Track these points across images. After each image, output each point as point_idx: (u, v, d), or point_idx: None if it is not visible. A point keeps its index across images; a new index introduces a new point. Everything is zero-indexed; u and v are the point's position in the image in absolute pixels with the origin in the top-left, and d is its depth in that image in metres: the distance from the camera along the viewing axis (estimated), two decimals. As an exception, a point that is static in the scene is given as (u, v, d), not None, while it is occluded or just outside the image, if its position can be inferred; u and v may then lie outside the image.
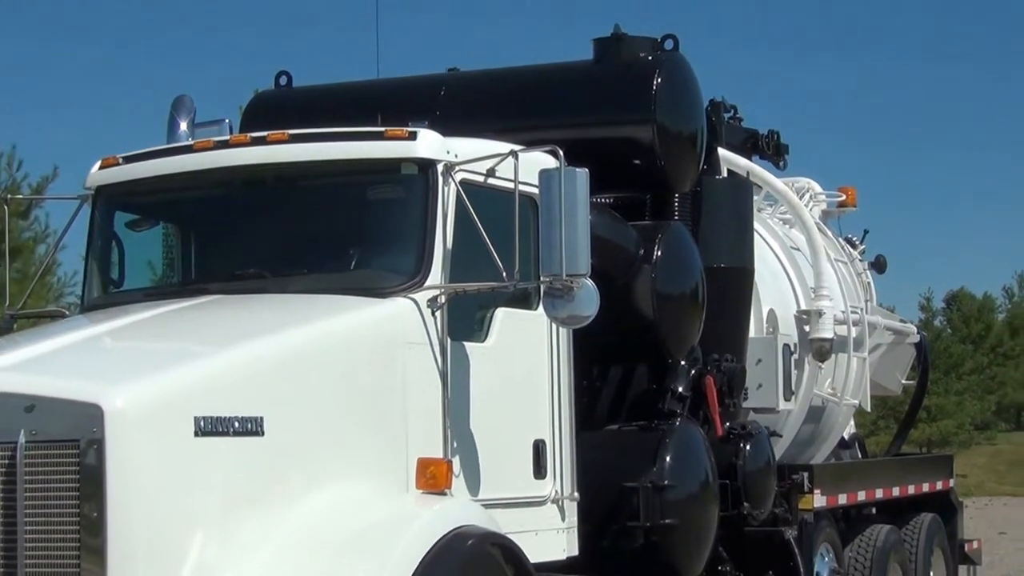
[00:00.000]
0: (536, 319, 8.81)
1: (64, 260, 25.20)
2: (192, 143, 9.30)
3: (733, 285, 11.54)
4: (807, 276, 13.27)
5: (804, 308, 13.00)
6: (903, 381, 16.77)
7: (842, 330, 13.44)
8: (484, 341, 8.68)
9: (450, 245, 8.46)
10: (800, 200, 13.92)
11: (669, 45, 10.74)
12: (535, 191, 8.22)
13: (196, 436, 7.23)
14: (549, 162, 8.38)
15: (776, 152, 13.98)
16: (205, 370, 7.57)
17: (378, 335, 8.21)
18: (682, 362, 10.50)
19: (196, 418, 7.24)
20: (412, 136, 8.61)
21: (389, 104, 9.93)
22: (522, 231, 8.25)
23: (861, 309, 14.29)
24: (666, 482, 9.92)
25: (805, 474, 12.25)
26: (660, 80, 10.48)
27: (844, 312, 13.59)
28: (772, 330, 12.39)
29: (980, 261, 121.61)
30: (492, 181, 8.71)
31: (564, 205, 7.95)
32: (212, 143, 9.09)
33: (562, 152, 8.28)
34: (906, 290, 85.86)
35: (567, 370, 9.19)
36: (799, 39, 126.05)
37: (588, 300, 8.10)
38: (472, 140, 8.87)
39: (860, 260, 15.57)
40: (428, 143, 8.58)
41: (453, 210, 8.49)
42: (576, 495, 9.17)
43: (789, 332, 12.64)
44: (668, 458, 10.02)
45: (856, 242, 15.78)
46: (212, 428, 7.29)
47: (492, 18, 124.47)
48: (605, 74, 10.71)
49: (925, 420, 51.37)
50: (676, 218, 10.93)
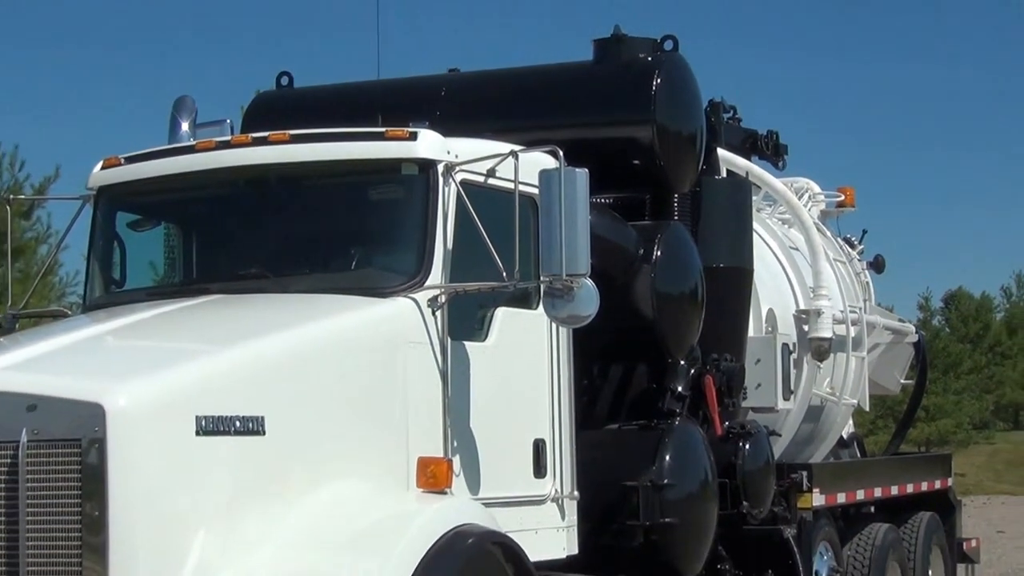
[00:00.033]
0: (536, 319, 8.81)
1: (66, 260, 25.35)
2: (194, 143, 9.30)
3: (732, 285, 11.54)
4: (806, 276, 13.27)
5: (803, 308, 13.00)
6: (901, 380, 16.77)
7: (841, 329, 13.44)
8: (484, 341, 8.68)
9: (450, 245, 8.46)
10: (799, 200, 13.91)
11: (669, 46, 10.75)
12: (535, 191, 8.22)
13: (198, 435, 7.23)
14: (549, 162, 8.39)
15: (775, 152, 13.98)
16: (206, 370, 7.57)
17: (379, 335, 8.21)
18: (681, 361, 10.50)
19: (198, 417, 7.24)
20: (413, 136, 8.61)
21: (390, 104, 9.91)
22: (522, 231, 8.26)
23: (860, 309, 14.28)
24: (666, 481, 9.92)
25: (804, 473, 12.24)
26: (660, 81, 10.49)
27: (843, 312, 13.60)
28: (771, 329, 12.37)
29: (978, 261, 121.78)
30: (492, 181, 8.71)
31: (564, 205, 7.94)
32: (214, 143, 9.09)
33: (562, 152, 8.28)
34: (904, 290, 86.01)
35: (567, 369, 9.19)
36: (798, 40, 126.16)
37: (588, 300, 8.10)
38: (472, 140, 8.88)
39: (859, 260, 15.58)
40: (428, 143, 8.58)
41: (453, 210, 8.49)
42: (576, 494, 9.18)
43: (788, 332, 12.64)
44: (668, 457, 10.02)
45: (855, 242, 15.79)
46: (214, 427, 7.30)
47: (492, 19, 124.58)
48: (605, 75, 10.71)
49: (923, 419, 51.42)
50: (675, 218, 10.94)
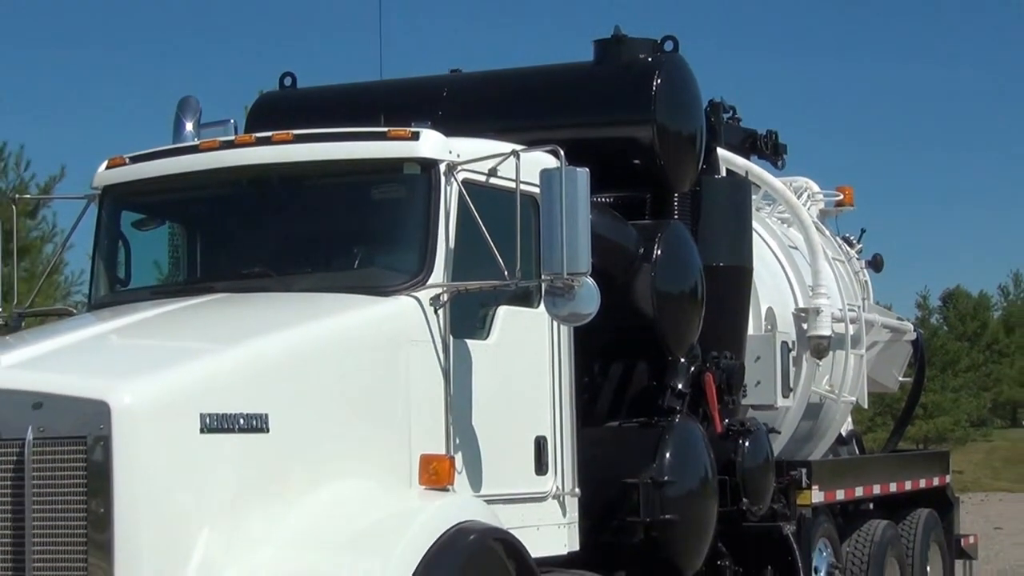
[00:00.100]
0: (537, 317, 8.83)
1: (71, 259, 25.35)
2: (198, 143, 9.34)
3: (732, 283, 11.57)
4: (805, 274, 13.30)
5: (802, 306, 13.03)
6: (900, 378, 16.81)
7: (840, 328, 13.48)
8: (486, 339, 8.70)
9: (452, 244, 8.48)
10: (798, 199, 13.94)
11: (669, 47, 10.77)
12: (536, 190, 8.23)
13: (202, 433, 7.25)
14: (550, 162, 8.42)
15: (774, 152, 14.01)
16: (211, 368, 7.59)
17: (381, 333, 8.23)
18: (682, 359, 10.52)
19: (202, 415, 7.26)
20: (415, 136, 8.62)
21: (392, 105, 9.88)
22: (523, 230, 8.29)
23: (858, 307, 14.31)
24: (666, 478, 9.94)
25: (803, 470, 12.28)
26: (660, 81, 10.52)
27: (842, 310, 13.63)
28: (770, 328, 12.40)
29: (976, 260, 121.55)
30: (494, 181, 8.73)
31: (565, 204, 7.95)
32: (218, 143, 9.10)
33: (563, 152, 8.33)
34: (903, 288, 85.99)
35: (568, 367, 9.21)
36: (797, 40, 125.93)
37: (589, 298, 8.11)
38: (474, 140, 8.90)
39: (857, 259, 15.61)
40: (431, 143, 8.60)
41: (455, 209, 8.50)
42: (577, 491, 9.20)
43: (787, 330, 12.67)
44: (668, 454, 10.05)
45: (853, 241, 15.82)
46: (218, 425, 7.32)
47: (494, 20, 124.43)
48: (605, 75, 10.73)
49: (922, 417, 51.47)
50: (676, 217, 10.96)
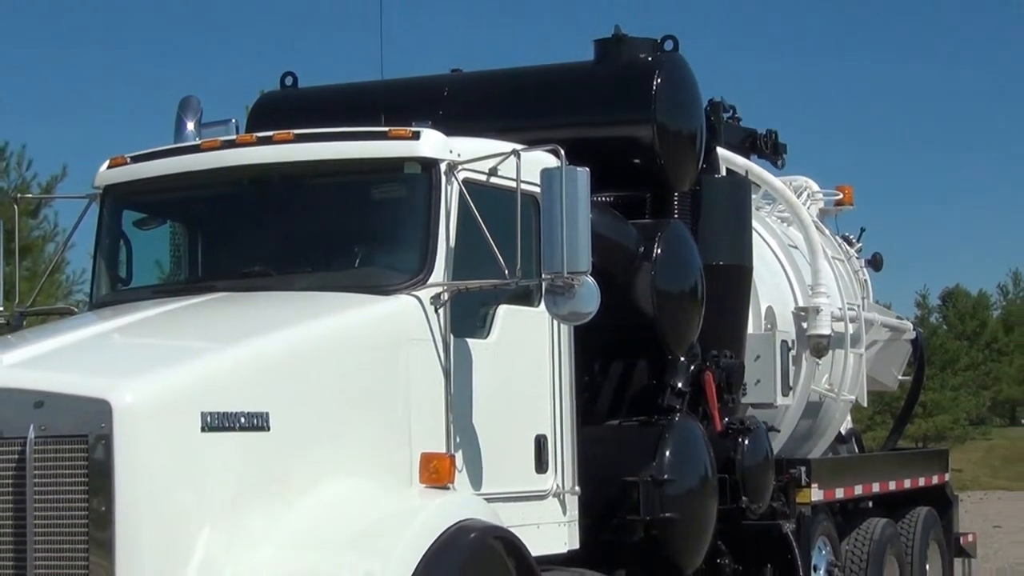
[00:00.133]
0: (538, 316, 8.84)
1: (73, 258, 25.41)
2: (199, 143, 9.34)
3: (732, 282, 11.59)
4: (805, 273, 13.32)
5: (802, 305, 13.05)
6: (899, 377, 16.84)
7: (839, 327, 13.50)
8: (486, 338, 8.71)
9: (453, 243, 8.49)
10: (798, 199, 13.96)
11: (669, 46, 10.78)
12: (537, 190, 8.24)
13: (203, 431, 7.27)
14: (550, 161, 8.43)
15: (774, 151, 14.03)
16: (212, 366, 7.61)
17: (382, 332, 8.24)
18: (681, 358, 10.53)
19: (203, 413, 7.28)
20: (415, 136, 8.63)
21: (393, 104, 9.89)
22: (524, 229, 8.30)
23: (858, 306, 14.32)
24: (666, 476, 9.97)
25: (803, 468, 12.31)
26: (660, 80, 10.53)
27: (841, 309, 13.65)
28: (770, 327, 12.42)
29: (975, 259, 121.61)
30: (494, 180, 8.74)
31: (565, 204, 7.96)
32: (219, 143, 9.12)
33: (563, 151, 8.34)
34: (902, 287, 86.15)
35: (568, 366, 9.22)
36: (797, 39, 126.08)
37: (589, 297, 8.12)
38: (474, 140, 8.91)
39: (857, 258, 15.63)
40: (431, 143, 8.62)
41: (456, 208, 8.52)
42: (577, 489, 9.22)
43: (787, 329, 12.69)
44: (668, 453, 10.07)
45: (853, 240, 15.83)
46: (219, 423, 7.33)
47: (494, 20, 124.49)
48: (606, 75, 10.75)
49: (921, 415, 51.54)
50: (676, 216, 10.96)
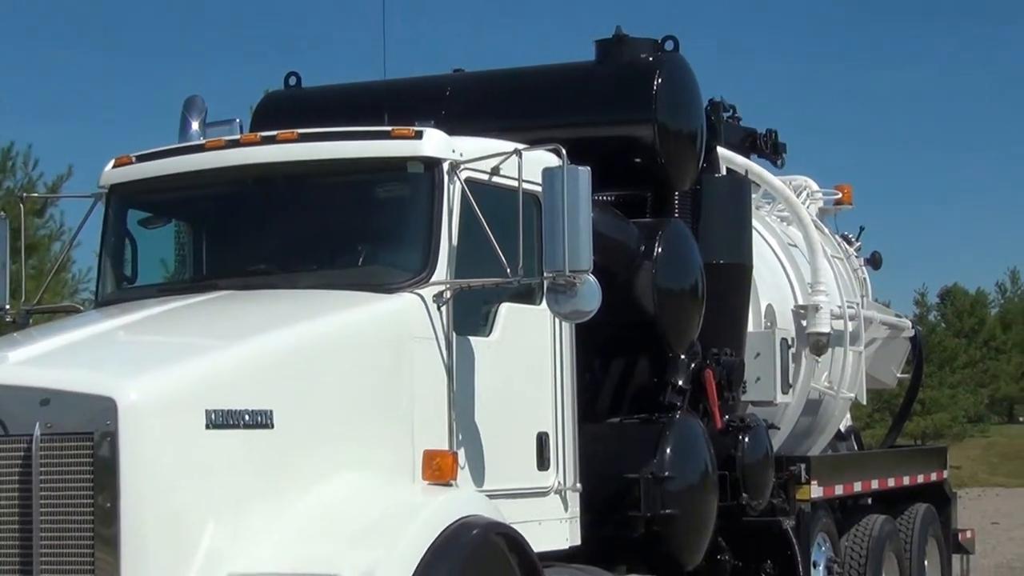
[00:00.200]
0: (539, 314, 8.89)
1: (78, 257, 25.30)
2: (203, 142, 9.36)
3: (732, 281, 11.60)
4: (804, 272, 13.34)
5: (801, 303, 13.07)
6: (898, 375, 16.85)
7: (838, 325, 13.51)
8: (489, 336, 8.74)
9: (455, 242, 8.52)
10: (797, 198, 13.98)
11: (669, 46, 10.80)
12: (538, 189, 8.27)
13: (207, 428, 7.31)
14: (552, 161, 8.48)
15: (774, 151, 14.06)
16: (216, 364, 7.64)
17: (385, 330, 8.26)
18: (682, 356, 10.55)
19: (207, 411, 7.32)
20: (418, 135, 8.66)
21: (396, 104, 9.92)
22: (526, 228, 8.34)
23: (857, 304, 14.35)
24: (666, 473, 10.00)
25: (802, 465, 12.31)
26: (660, 80, 10.55)
27: (840, 307, 13.67)
28: (770, 325, 12.43)
29: (973, 257, 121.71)
30: (496, 179, 8.77)
31: (567, 203, 7.99)
32: (223, 142, 9.16)
33: (565, 151, 8.36)
34: (901, 286, 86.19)
35: (570, 364, 9.25)
36: (797, 40, 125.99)
37: (590, 295, 8.15)
38: (477, 139, 8.94)
39: (856, 256, 15.63)
40: (434, 142, 8.65)
41: (458, 207, 8.55)
42: (579, 486, 9.25)
43: (787, 327, 12.71)
44: (668, 450, 10.11)
45: (852, 239, 15.84)
46: (223, 421, 7.37)
47: (496, 21, 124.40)
48: (607, 74, 10.77)
49: (919, 413, 51.53)
50: (676, 215, 10.98)
